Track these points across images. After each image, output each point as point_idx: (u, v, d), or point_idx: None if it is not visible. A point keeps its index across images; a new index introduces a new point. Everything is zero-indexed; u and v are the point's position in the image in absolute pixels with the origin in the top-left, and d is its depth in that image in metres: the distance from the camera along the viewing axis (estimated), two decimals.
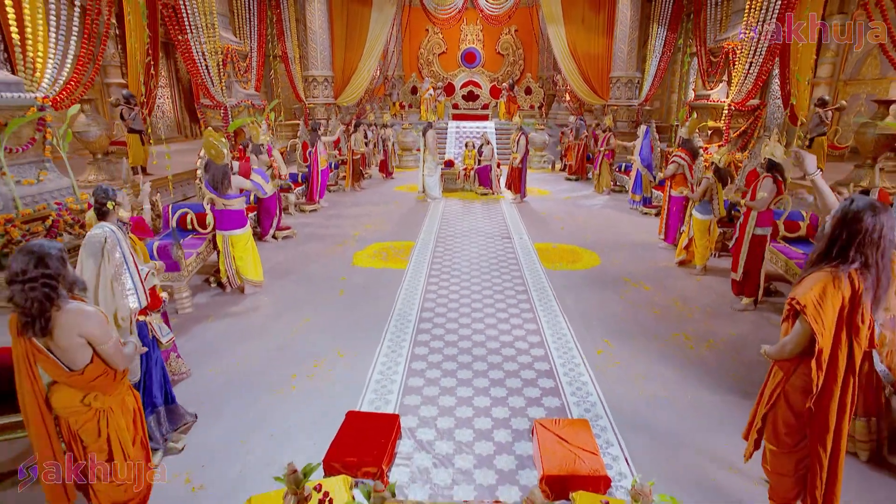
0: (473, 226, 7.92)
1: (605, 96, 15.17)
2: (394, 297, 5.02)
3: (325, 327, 4.40)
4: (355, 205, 9.42)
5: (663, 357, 3.93)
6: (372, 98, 17.36)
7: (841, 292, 1.90)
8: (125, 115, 8.85)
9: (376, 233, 7.42)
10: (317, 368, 3.73)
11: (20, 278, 1.85)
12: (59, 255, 1.93)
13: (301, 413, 3.21)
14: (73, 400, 2.05)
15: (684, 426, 3.11)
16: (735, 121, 9.66)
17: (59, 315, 1.92)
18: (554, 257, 6.32)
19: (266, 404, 3.31)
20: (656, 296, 5.12)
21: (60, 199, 5.30)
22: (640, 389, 3.49)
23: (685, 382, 3.58)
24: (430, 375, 3.63)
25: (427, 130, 9.46)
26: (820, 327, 1.90)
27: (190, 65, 9.12)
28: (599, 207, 9.25)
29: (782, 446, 2.19)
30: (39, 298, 1.86)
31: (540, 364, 3.79)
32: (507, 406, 3.28)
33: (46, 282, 1.87)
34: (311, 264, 6.07)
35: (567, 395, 3.40)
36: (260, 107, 11.03)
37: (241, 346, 4.09)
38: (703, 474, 2.72)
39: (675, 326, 4.43)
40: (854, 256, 1.89)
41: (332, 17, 15.24)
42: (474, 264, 6.04)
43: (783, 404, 2.16)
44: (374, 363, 3.78)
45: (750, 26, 8.68)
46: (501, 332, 4.32)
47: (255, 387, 3.50)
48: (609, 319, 4.57)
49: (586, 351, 3.98)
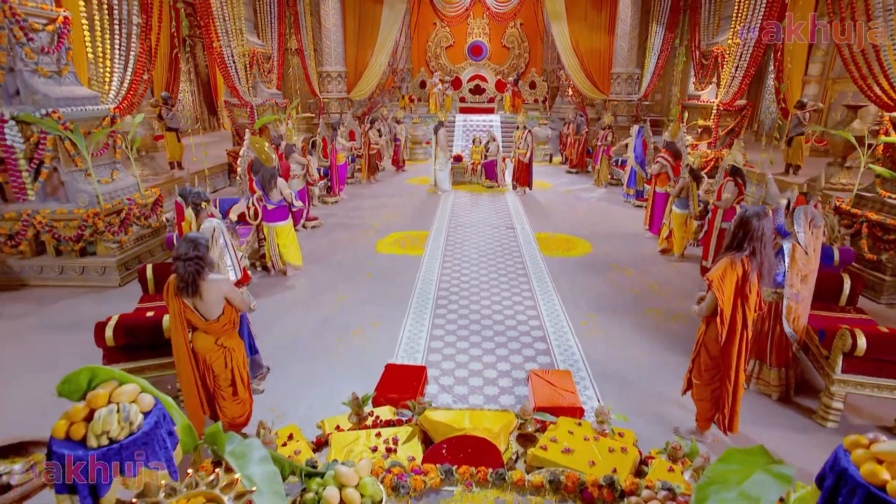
0: (481, 217, 8.80)
1: (606, 91, 15.85)
2: (414, 279, 5.94)
3: (359, 302, 5.34)
4: (373, 197, 10.31)
5: (637, 327, 4.83)
6: (383, 92, 18.11)
7: (736, 272, 2.79)
8: (164, 114, 9.74)
9: (394, 223, 8.32)
10: (357, 334, 4.67)
11: (182, 258, 2.76)
12: (205, 244, 2.84)
13: (349, 366, 4.15)
14: (209, 342, 2.98)
15: (647, 378, 4.02)
16: (723, 120, 10.42)
17: (203, 283, 2.83)
18: (552, 246, 7.20)
19: (321, 360, 4.25)
20: (637, 279, 6.02)
21: (130, 195, 6.22)
22: (615, 351, 4.41)
23: (652, 347, 4.49)
24: (447, 339, 4.57)
25: (439, 129, 10.29)
26: (721, 295, 2.79)
27: (222, 68, 9.96)
28: (596, 200, 10.09)
29: (702, 380, 3.10)
30: (193, 272, 2.78)
31: (535, 332, 4.72)
32: (508, 361, 4.21)
33: (198, 261, 2.78)
34: (341, 251, 6.99)
35: (556, 354, 4.33)
36: (283, 105, 11.87)
37: (291, 317, 5.03)
38: (654, 408, 3.64)
39: (649, 303, 5.34)
40: (745, 248, 2.78)
41: (346, 15, 15.96)
42: (482, 252, 6.94)
43: (703, 350, 3.06)
44: (403, 329, 4.72)
45: (737, 32, 9.41)
46: (505, 307, 5.24)
47: (310, 347, 4.44)
48: (595, 298, 5.47)
49: (574, 322, 4.90)
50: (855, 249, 5.67)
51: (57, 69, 5.66)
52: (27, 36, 5.24)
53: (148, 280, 4.42)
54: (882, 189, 5.67)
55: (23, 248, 5.73)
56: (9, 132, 5.22)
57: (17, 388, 3.85)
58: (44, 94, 5.37)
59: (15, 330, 4.75)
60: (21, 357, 4.29)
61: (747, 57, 9.32)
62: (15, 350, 4.40)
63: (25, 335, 4.66)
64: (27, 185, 5.53)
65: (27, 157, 5.47)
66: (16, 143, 5.29)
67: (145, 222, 6.41)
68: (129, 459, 1.58)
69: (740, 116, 10.40)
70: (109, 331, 3.41)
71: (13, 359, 4.27)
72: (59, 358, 4.24)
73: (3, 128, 5.19)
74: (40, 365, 4.15)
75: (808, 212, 3.42)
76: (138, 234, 6.32)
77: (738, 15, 9.33)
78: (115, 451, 1.56)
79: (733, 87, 9.78)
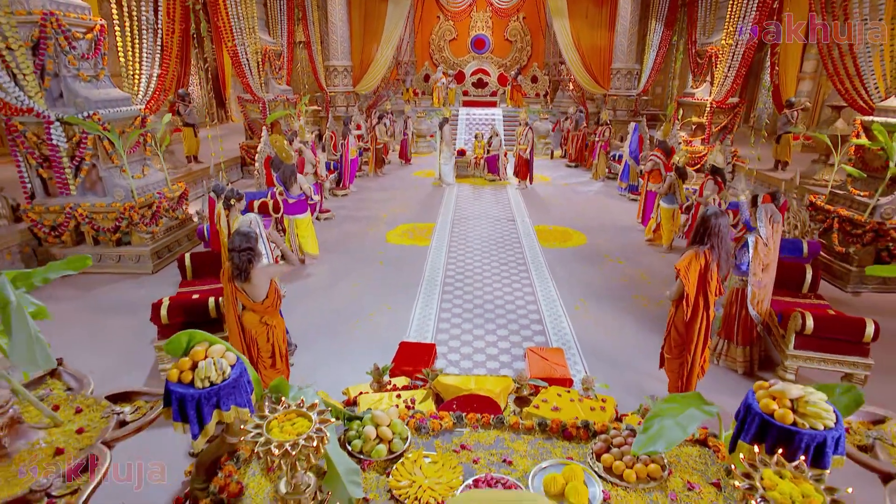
0: (483, 209, 9.31)
1: (606, 86, 16.24)
2: (423, 268, 6.48)
3: (373, 288, 5.88)
4: (380, 189, 10.82)
5: (624, 312, 5.37)
6: (388, 85, 18.51)
7: (699, 262, 3.31)
8: (181, 110, 10.23)
9: (402, 215, 8.84)
10: (372, 316, 5.22)
11: (237, 249, 3.29)
12: (255, 237, 3.37)
13: (367, 343, 4.70)
14: (255, 319, 3.52)
15: (629, 355, 4.56)
16: (716, 117, 10.86)
17: (254, 270, 3.37)
18: (549, 237, 7.73)
19: (342, 338, 4.80)
20: (627, 268, 6.55)
21: (159, 190, 6.75)
22: (603, 332, 4.95)
23: (637, 329, 5.03)
24: (454, 321, 5.12)
25: (443, 125, 10.76)
26: (687, 282, 3.32)
27: (237, 66, 10.41)
28: (594, 193, 10.58)
29: (672, 354, 3.64)
30: (246, 261, 3.31)
31: (532, 315, 5.26)
32: (508, 340, 4.76)
33: (250, 252, 3.31)
34: (353, 241, 7.53)
35: (550, 334, 4.87)
36: (293, 101, 12.32)
37: (311, 301, 5.58)
38: (634, 380, 4.18)
39: (637, 291, 5.87)
40: (706, 241, 3.29)
41: (351, 11, 16.31)
42: (485, 243, 7.47)
43: (673, 329, 3.60)
44: (414, 312, 5.27)
45: (730, 33, 9.82)
46: (505, 293, 5.78)
47: (331, 328, 4.99)
48: (587, 285, 6.01)
49: (567, 306, 5.44)
50: (827, 242, 6.20)
51: (94, 73, 6.16)
52: (70, 44, 5.73)
53: (186, 267, 4.97)
54: (852, 187, 6.16)
55: (65, 237, 6.27)
56: (55, 133, 5.73)
57: (80, 361, 4.41)
58: (85, 97, 5.87)
59: (67, 311, 5.30)
60: (77, 334, 4.85)
61: (739, 57, 9.74)
62: (71, 328, 4.96)
63: (78, 315, 5.22)
64: (69, 181, 6.06)
65: (69, 155, 5.99)
66: (60, 142, 5.81)
67: (173, 214, 6.94)
68: (223, 398, 2.13)
69: (732, 114, 10.83)
70: (164, 310, 3.95)
71: (71, 335, 4.82)
72: (107, 335, 4.81)
73: (50, 129, 5.70)
74: (94, 340, 4.72)
75: (769, 209, 3.93)
76: (167, 226, 6.85)
77: (731, 16, 9.73)
78: (215, 392, 2.11)
79: (725, 85, 10.20)
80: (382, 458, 2.31)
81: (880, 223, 5.63)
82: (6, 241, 6.00)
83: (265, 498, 2.09)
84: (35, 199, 6.24)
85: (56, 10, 5.58)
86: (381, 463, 2.30)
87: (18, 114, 5.54)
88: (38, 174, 6.20)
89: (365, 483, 2.17)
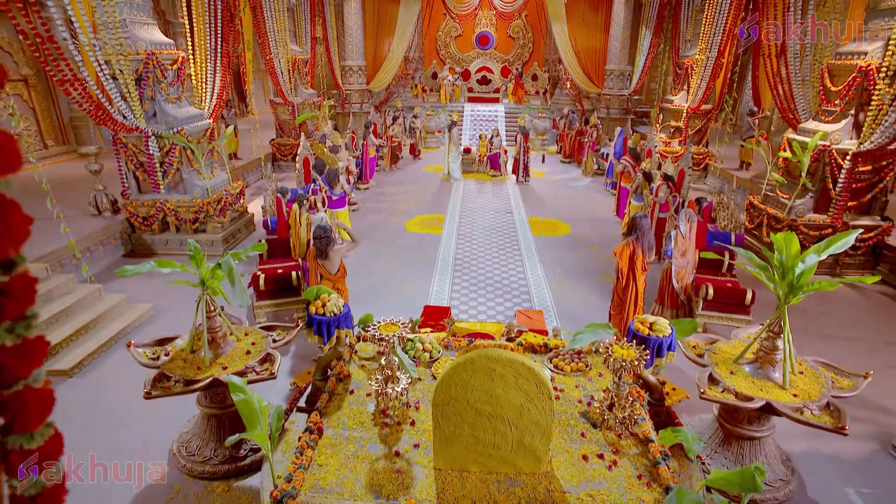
0: (486, 203, 10.92)
1: (601, 85, 17.67)
2: (437, 251, 8.13)
3: (399, 267, 7.55)
4: (397, 183, 12.42)
5: (592, 286, 7.03)
6: (398, 82, 19.94)
7: (630, 248, 4.95)
8: (224, 114, 11.78)
9: (417, 207, 10.46)
10: (400, 289, 6.89)
11: (320, 237, 4.94)
12: (331, 229, 5.02)
13: (398, 308, 6.36)
14: (330, 285, 5.18)
15: (591, 316, 6.21)
16: (692, 121, 12.36)
17: (331, 251, 5.02)
18: (540, 227, 9.35)
19: (379, 304, 6.47)
20: (601, 254, 8.19)
21: (225, 188, 8.38)
22: (575, 300, 6.61)
23: (600, 298, 6.68)
24: (463, 291, 6.79)
25: (452, 128, 12.31)
26: (621, 262, 4.96)
27: (272, 74, 11.94)
28: (582, 188, 12.17)
29: (615, 311, 5.30)
30: (325, 245, 4.97)
31: (522, 287, 6.93)
32: (503, 305, 6.44)
33: (328, 239, 4.97)
34: (378, 229, 9.18)
35: (535, 301, 6.55)
36: (318, 103, 13.85)
37: (354, 277, 7.21)
38: None
39: (605, 272, 7.51)
40: (634, 234, 4.92)
41: (365, 14, 17.69)
42: (487, 232, 9.10)
43: (615, 294, 5.25)
44: (433, 284, 6.95)
45: (703, 51, 11.27)
46: (502, 271, 7.44)
47: (369, 296, 6.67)
48: (567, 266, 7.66)
49: (549, 282, 7.10)
50: (759, 234, 7.82)
51: (177, 95, 7.75)
52: (163, 74, 7.31)
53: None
54: (779, 191, 7.75)
55: (154, 226, 7.93)
56: (151, 145, 7.35)
57: (172, 325, 6.11)
58: (173, 116, 7.47)
59: (163, 285, 6.97)
60: (176, 300, 6.52)
61: (710, 70, 11.21)
62: (169, 296, 6.63)
63: (172, 288, 6.89)
64: (160, 181, 7.70)
65: (160, 161, 7.62)
66: (155, 152, 7.43)
67: (235, 207, 8.59)
68: (341, 323, 3.81)
69: (706, 119, 12.33)
70: (262, 280, 5.63)
71: (173, 302, 6.50)
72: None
73: (148, 142, 7.32)
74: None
75: (687, 212, 5.55)
76: (231, 217, 8.50)
77: (703, 34, 11.17)
78: (336, 319, 3.78)
79: (699, 94, 11.69)
80: (426, 361, 3.99)
81: (793, 220, 7.24)
82: (113, 228, 7.67)
83: (363, 380, 3.77)
84: (131, 196, 7.89)
85: (155, 49, 7.15)
86: (426, 363, 3.99)
87: (129, 132, 7.16)
88: (134, 175, 7.83)
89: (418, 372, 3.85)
